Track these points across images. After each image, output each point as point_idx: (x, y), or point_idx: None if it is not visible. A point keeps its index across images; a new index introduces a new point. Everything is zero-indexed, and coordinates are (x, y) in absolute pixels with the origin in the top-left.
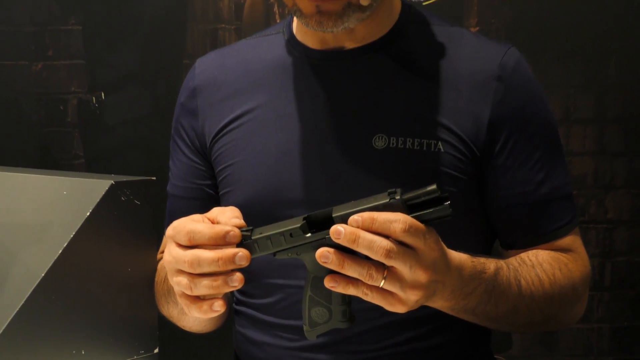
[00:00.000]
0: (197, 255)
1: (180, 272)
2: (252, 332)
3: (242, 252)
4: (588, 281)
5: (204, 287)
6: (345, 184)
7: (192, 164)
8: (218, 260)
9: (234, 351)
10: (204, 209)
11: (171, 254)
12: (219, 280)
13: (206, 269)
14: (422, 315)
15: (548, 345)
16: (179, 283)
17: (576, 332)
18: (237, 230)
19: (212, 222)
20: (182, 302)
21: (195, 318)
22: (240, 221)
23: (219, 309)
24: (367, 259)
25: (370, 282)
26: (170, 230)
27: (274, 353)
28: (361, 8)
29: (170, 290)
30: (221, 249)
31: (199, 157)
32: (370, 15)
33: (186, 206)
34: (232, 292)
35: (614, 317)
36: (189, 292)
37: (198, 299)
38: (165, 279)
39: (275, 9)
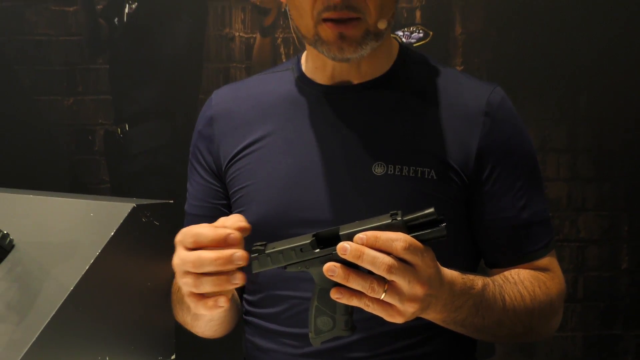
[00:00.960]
0: (199, 256)
1: (187, 273)
2: (259, 339)
3: (239, 252)
4: (563, 297)
5: (207, 284)
6: (348, 206)
7: (209, 185)
8: (217, 259)
9: (244, 358)
10: None
11: (179, 256)
12: (221, 278)
13: (207, 268)
14: (415, 326)
15: (527, 352)
16: (186, 283)
17: (552, 340)
18: (237, 233)
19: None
20: (189, 301)
21: (206, 323)
22: (244, 223)
23: (223, 304)
24: (370, 273)
25: (372, 295)
26: (178, 235)
27: (280, 359)
28: (377, 35)
29: (183, 298)
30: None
31: (215, 179)
32: (380, 45)
33: (202, 223)
34: (242, 303)
35: (586, 327)
36: (194, 290)
37: (203, 296)
38: (179, 288)
39: (281, 49)
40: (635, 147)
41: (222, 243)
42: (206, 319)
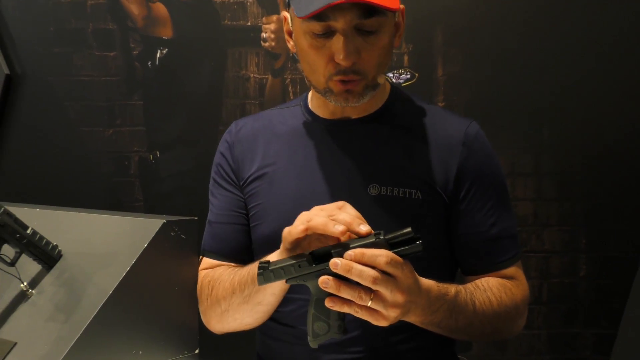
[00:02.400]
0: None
1: None
2: (271, 334)
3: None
4: (527, 302)
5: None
6: None
7: (233, 196)
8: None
9: (257, 352)
10: (241, 232)
11: None
12: None
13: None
14: (404, 324)
15: (500, 347)
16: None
17: (521, 337)
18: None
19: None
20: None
21: (254, 307)
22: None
23: None
24: (358, 285)
25: (360, 302)
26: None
27: (289, 352)
28: (375, 87)
29: (242, 285)
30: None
31: (238, 191)
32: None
33: (228, 229)
34: None
35: (550, 325)
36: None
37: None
38: (234, 280)
39: (290, 88)
40: (590, 172)
41: None
42: (257, 306)
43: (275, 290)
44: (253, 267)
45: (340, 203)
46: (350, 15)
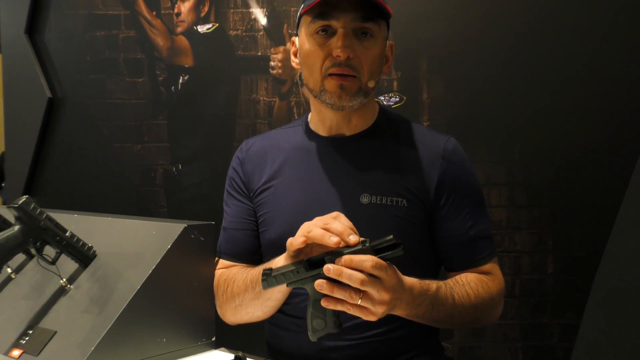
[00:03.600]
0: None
1: None
2: (279, 324)
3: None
4: (502, 294)
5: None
6: None
7: (244, 205)
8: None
9: (266, 340)
10: (251, 236)
11: None
12: None
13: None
14: (392, 316)
15: (478, 335)
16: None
17: (496, 326)
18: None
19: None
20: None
21: (264, 302)
22: (355, 237)
23: None
24: (348, 286)
25: (351, 302)
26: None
27: (295, 340)
28: (366, 93)
29: (253, 283)
30: None
31: (248, 201)
32: (367, 103)
33: (240, 235)
34: None
35: (521, 316)
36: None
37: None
38: (246, 278)
39: (294, 110)
40: (556, 183)
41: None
42: (267, 301)
43: (282, 288)
44: (266, 265)
45: (335, 214)
46: (350, 17)
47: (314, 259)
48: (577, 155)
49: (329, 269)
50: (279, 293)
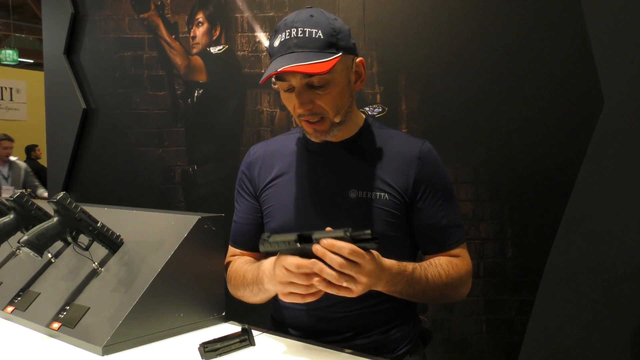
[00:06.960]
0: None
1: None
2: (282, 302)
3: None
4: (470, 274)
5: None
6: (332, 219)
7: (251, 204)
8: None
9: (271, 314)
10: (257, 229)
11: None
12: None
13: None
14: (375, 292)
15: (448, 309)
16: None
17: (465, 302)
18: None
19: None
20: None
21: (263, 298)
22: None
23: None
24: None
25: (336, 282)
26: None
27: (295, 312)
28: (339, 124)
29: (250, 283)
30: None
31: (254, 200)
32: (345, 126)
33: (247, 228)
34: None
35: (485, 294)
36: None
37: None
38: (245, 276)
39: (293, 119)
40: (514, 181)
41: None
42: (264, 294)
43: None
44: (259, 272)
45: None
46: (299, 76)
47: (303, 235)
48: (530, 157)
49: (316, 248)
50: (273, 292)
